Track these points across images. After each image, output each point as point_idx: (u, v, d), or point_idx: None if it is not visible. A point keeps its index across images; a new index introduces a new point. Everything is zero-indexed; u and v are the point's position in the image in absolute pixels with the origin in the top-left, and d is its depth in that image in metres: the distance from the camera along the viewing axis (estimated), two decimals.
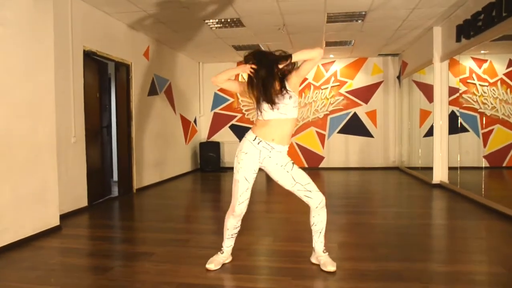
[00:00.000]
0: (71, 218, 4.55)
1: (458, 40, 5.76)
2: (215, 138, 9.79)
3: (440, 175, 6.66)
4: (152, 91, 7.10)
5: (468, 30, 5.35)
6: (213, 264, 2.85)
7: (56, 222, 4.00)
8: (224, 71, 2.75)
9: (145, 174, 6.79)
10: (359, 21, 6.20)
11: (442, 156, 6.65)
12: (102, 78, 5.73)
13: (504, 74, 7.97)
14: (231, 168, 9.66)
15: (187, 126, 8.96)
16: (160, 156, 7.45)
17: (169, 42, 7.46)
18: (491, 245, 3.53)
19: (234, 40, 7.38)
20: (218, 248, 3.01)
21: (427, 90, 7.45)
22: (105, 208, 5.26)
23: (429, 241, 3.71)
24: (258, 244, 3.52)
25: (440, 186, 6.55)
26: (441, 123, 6.67)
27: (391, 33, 6.96)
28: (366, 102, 9.35)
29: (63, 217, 4.31)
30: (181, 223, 4.63)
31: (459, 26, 5.66)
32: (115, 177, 6.44)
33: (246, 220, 3.04)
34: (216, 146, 9.28)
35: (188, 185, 7.57)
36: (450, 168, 6.56)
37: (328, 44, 7.80)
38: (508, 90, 7.94)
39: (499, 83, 7.98)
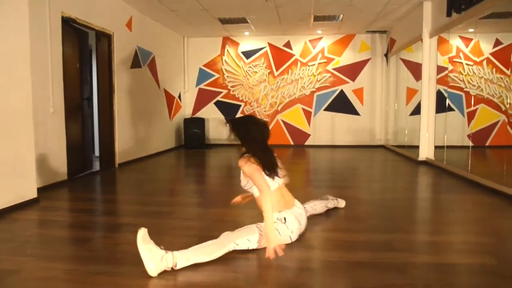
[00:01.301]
0: (49, 191, 4.38)
1: (448, 14, 5.67)
2: (200, 114, 9.61)
3: (426, 152, 6.65)
4: (135, 64, 6.87)
5: (459, 4, 5.26)
6: None
7: (33, 194, 3.83)
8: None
9: (128, 149, 6.61)
10: None
11: (429, 135, 6.62)
12: (83, 48, 5.48)
13: (491, 54, 7.94)
14: (216, 145, 9.52)
15: (171, 101, 8.75)
16: (144, 131, 7.27)
17: (152, 13, 7.18)
18: (478, 217, 3.51)
19: (220, 12, 7.15)
20: (203, 219, 2.91)
21: (415, 69, 7.39)
22: (86, 182, 5.09)
23: (417, 214, 3.68)
24: (243, 216, 3.43)
25: (426, 163, 6.55)
26: (428, 101, 6.61)
27: (381, 7, 6.82)
28: (353, 79, 9.26)
29: (41, 190, 4.14)
30: (166, 196, 4.51)
31: (450, 0, 5.56)
32: (97, 152, 6.24)
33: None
34: (201, 122, 9.12)
35: (172, 160, 7.43)
36: (436, 147, 6.56)
37: (316, 18, 7.63)
38: (494, 69, 7.92)
39: (484, 62, 7.96)
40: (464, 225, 3.28)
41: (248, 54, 9.42)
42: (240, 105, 9.53)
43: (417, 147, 6.82)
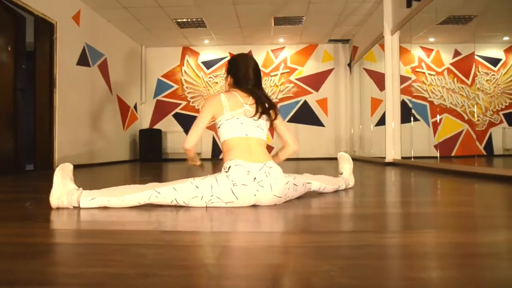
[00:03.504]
0: None
1: (408, 5, 5.54)
2: (158, 126, 9.03)
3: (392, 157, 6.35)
4: (83, 61, 6.34)
5: None
6: None
7: None
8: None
9: (70, 153, 5.95)
10: None
11: (395, 141, 6.33)
12: (18, 32, 4.94)
13: (451, 64, 7.97)
14: (175, 160, 8.81)
15: (126, 111, 8.19)
16: (90, 137, 6.62)
17: (104, 12, 6.75)
18: (454, 187, 3.13)
19: (176, 11, 6.81)
20: None
21: (378, 78, 7.25)
22: (14, 177, 4.35)
23: (390, 188, 3.25)
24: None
25: (393, 164, 6.23)
26: (393, 107, 6.35)
27: (341, 6, 6.66)
28: (316, 90, 9.05)
29: None
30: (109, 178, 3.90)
31: None
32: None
33: None
34: (157, 134, 8.55)
35: (124, 167, 6.77)
36: (402, 158, 6.29)
37: (277, 21, 7.43)
38: (455, 79, 7.92)
39: (445, 72, 7.96)
40: (441, 191, 2.89)
41: (208, 64, 9.09)
42: None
43: (384, 158, 6.52)
